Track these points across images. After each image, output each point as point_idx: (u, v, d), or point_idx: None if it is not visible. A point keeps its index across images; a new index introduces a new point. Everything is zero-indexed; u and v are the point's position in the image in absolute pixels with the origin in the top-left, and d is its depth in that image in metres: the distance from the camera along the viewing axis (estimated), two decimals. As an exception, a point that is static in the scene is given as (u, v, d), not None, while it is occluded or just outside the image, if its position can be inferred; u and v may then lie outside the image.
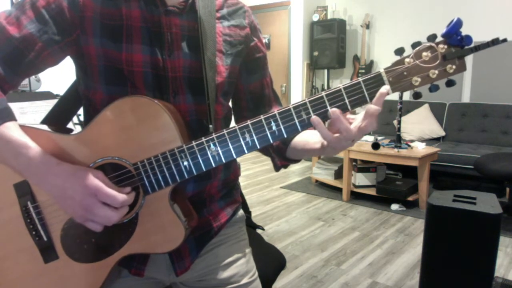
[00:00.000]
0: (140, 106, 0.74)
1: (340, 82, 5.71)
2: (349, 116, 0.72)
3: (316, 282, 2.33)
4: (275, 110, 0.71)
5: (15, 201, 0.77)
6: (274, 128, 0.71)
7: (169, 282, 0.90)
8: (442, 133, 4.44)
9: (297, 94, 5.76)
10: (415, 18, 4.85)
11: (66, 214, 0.76)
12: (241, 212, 1.01)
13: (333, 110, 0.69)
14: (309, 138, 0.85)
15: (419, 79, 0.69)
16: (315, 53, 5.42)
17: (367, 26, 5.22)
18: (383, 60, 5.23)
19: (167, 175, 0.74)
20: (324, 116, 0.71)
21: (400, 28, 4.98)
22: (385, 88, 0.68)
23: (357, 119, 0.71)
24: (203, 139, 0.73)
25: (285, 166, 0.97)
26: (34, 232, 0.77)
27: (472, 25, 4.27)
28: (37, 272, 0.79)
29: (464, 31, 0.68)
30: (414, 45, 0.70)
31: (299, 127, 0.71)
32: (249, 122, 0.72)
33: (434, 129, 4.44)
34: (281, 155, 0.94)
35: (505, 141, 4.12)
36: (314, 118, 0.69)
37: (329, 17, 5.49)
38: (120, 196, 0.70)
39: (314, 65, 5.52)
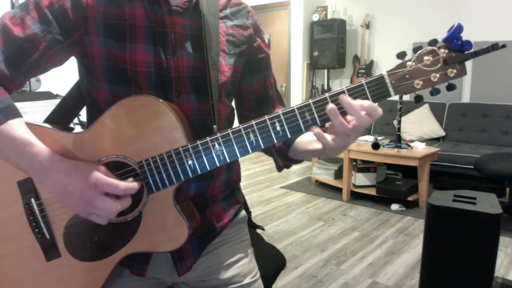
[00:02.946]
0: (145, 106, 0.74)
1: (340, 82, 5.71)
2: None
3: (316, 282, 2.34)
4: (279, 111, 0.72)
5: (19, 199, 0.77)
6: (278, 128, 0.72)
7: (171, 282, 0.91)
8: (442, 133, 4.44)
9: (297, 94, 5.76)
10: (415, 18, 4.84)
11: (69, 212, 0.76)
12: (243, 212, 1.01)
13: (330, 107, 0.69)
14: (312, 138, 0.85)
15: (421, 82, 0.70)
16: (315, 53, 5.42)
17: (367, 26, 5.23)
18: (383, 60, 5.24)
19: (172, 173, 0.74)
20: (327, 118, 0.71)
21: (400, 28, 4.98)
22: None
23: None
24: (208, 139, 0.73)
25: (288, 167, 0.98)
26: (37, 230, 0.77)
27: (472, 26, 4.28)
28: (39, 271, 0.79)
29: (464, 31, 0.69)
30: (415, 49, 0.71)
31: (303, 128, 0.72)
32: (253, 122, 0.72)
33: (434, 129, 4.44)
34: (283, 155, 0.94)
35: (505, 141, 4.12)
36: (316, 129, 0.70)
37: (329, 17, 5.49)
38: (122, 183, 0.70)
39: (314, 65, 5.52)
